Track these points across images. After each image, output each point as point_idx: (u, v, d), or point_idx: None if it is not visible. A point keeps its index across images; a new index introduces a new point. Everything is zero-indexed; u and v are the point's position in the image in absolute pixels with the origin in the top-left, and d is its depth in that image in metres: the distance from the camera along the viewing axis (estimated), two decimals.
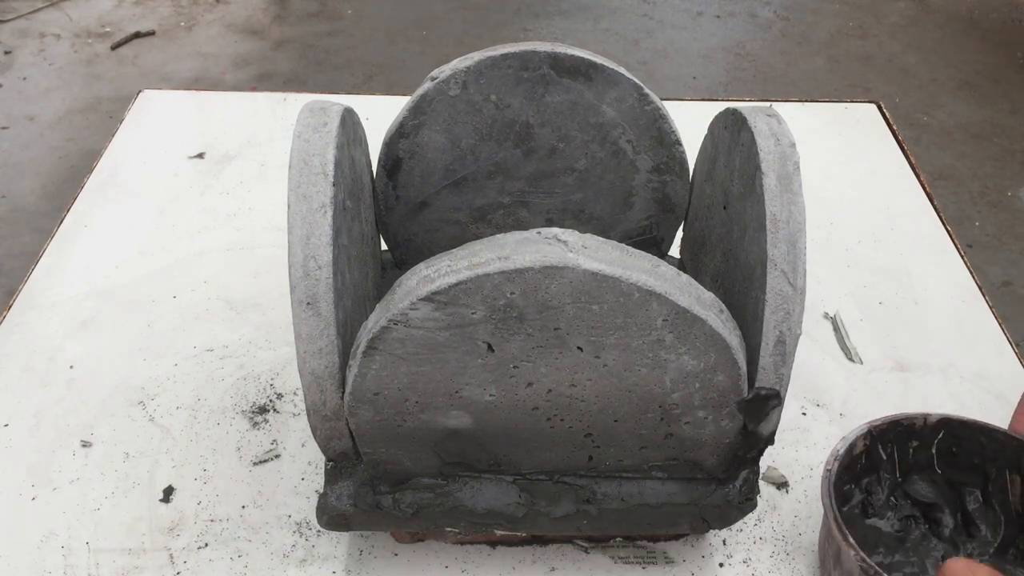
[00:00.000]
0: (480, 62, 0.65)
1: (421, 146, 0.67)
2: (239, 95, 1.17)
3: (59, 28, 2.68)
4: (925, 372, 0.81)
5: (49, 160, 2.16)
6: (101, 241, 0.92)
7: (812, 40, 2.72)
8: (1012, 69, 2.60)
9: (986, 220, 2.06)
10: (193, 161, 1.03)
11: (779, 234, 0.54)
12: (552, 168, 0.69)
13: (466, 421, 0.55)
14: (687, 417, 0.55)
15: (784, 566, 0.66)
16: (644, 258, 0.50)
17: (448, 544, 0.66)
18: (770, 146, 0.56)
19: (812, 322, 0.85)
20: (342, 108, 0.58)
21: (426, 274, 0.49)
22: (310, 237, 0.51)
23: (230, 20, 2.74)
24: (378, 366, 0.51)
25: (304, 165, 0.53)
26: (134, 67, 2.52)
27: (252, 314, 0.85)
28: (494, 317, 0.49)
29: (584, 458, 0.58)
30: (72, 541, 0.66)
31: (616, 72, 0.65)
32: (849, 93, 2.47)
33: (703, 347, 0.51)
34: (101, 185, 0.99)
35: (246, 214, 0.96)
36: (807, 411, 0.77)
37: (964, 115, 2.40)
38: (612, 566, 0.65)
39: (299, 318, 0.51)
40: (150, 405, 0.76)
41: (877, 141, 1.10)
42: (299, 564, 0.65)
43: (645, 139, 0.68)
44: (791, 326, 0.53)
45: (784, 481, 0.71)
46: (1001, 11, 2.88)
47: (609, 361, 0.51)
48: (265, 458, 0.72)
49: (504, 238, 0.50)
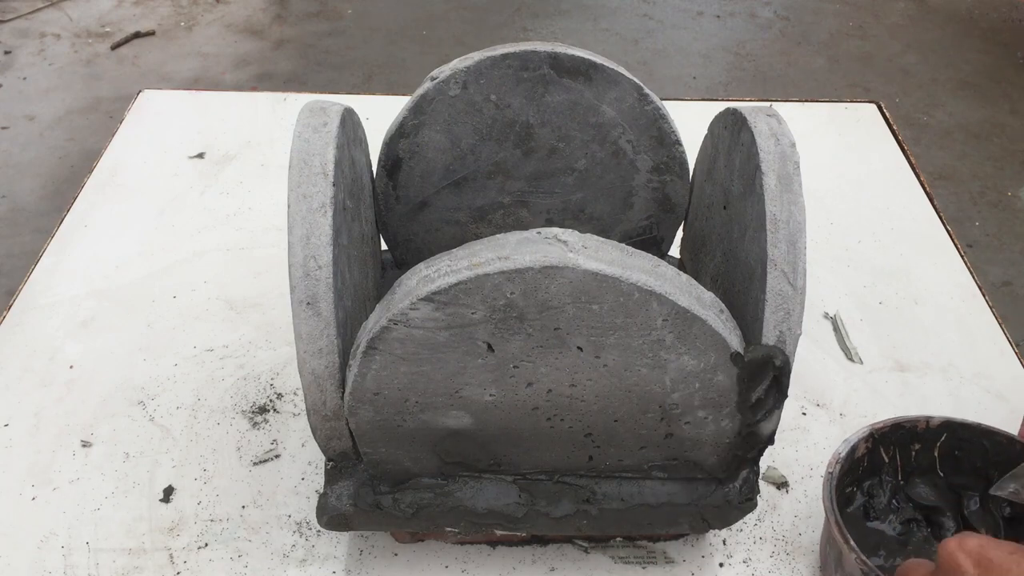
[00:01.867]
0: (480, 62, 0.65)
1: (421, 146, 0.67)
2: (239, 95, 1.17)
3: (59, 28, 2.68)
4: (925, 372, 0.81)
5: (49, 160, 2.16)
6: (101, 241, 0.92)
7: (812, 40, 2.72)
8: (1012, 69, 2.60)
9: (986, 220, 2.06)
10: (193, 161, 1.03)
11: (779, 234, 0.54)
12: (552, 168, 0.69)
13: (466, 421, 0.55)
14: (687, 417, 0.55)
15: (784, 566, 0.66)
16: (644, 258, 0.50)
17: (448, 544, 0.66)
18: (770, 146, 0.56)
19: (812, 322, 0.85)
20: (342, 108, 0.58)
21: (426, 274, 0.49)
22: (310, 237, 0.51)
23: (230, 20, 2.75)
24: (378, 366, 0.51)
25: (304, 165, 0.53)
26: (134, 67, 2.52)
27: (252, 314, 0.85)
28: (494, 317, 0.49)
29: (584, 458, 0.58)
30: (72, 541, 0.66)
31: (616, 72, 0.65)
32: (849, 93, 2.47)
33: (703, 347, 0.51)
34: (101, 185, 0.99)
35: (246, 214, 0.96)
36: (807, 411, 0.77)
37: (964, 115, 2.40)
38: (612, 566, 0.65)
39: (299, 318, 0.51)
40: (150, 405, 0.76)
41: (877, 141, 1.10)
42: (299, 564, 0.65)
43: (645, 139, 0.68)
44: (791, 326, 0.53)
45: (784, 481, 0.71)
46: (1001, 11, 2.88)
47: (609, 361, 0.51)
48: (265, 458, 0.72)
49: (504, 238, 0.50)
